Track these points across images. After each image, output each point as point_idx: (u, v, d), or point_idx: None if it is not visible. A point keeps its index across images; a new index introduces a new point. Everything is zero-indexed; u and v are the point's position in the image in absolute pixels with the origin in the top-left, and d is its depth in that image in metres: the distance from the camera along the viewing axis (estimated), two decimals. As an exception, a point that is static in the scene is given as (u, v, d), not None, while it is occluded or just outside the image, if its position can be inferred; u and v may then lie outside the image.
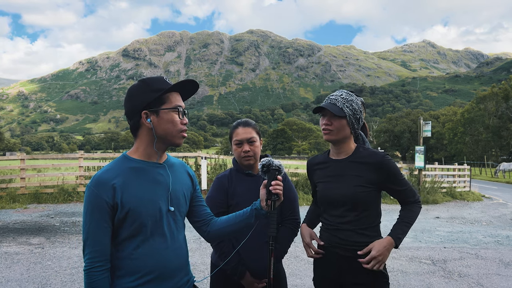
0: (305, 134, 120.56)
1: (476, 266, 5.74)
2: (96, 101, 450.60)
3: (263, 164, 1.72)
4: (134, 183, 1.51)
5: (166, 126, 1.54)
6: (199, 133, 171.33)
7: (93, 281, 1.43)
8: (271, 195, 1.64)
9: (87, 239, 1.46)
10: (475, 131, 56.97)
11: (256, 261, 2.15)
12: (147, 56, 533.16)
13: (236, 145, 2.25)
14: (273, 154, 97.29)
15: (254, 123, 2.32)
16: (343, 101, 1.94)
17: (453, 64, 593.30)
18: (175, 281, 1.58)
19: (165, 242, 1.55)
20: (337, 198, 1.94)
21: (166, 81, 1.57)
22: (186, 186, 1.68)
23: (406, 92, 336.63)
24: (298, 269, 5.31)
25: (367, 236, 1.93)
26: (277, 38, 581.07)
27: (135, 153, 1.57)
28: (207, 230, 1.73)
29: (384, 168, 1.91)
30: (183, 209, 1.65)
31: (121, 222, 1.48)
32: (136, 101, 1.54)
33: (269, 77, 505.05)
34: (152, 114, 1.53)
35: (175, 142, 1.58)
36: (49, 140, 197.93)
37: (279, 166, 1.72)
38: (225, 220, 1.72)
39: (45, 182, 11.62)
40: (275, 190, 1.63)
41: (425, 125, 14.37)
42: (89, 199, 1.47)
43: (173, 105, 1.55)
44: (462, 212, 11.90)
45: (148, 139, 1.56)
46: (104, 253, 1.47)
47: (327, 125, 1.95)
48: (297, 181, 12.95)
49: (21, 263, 5.26)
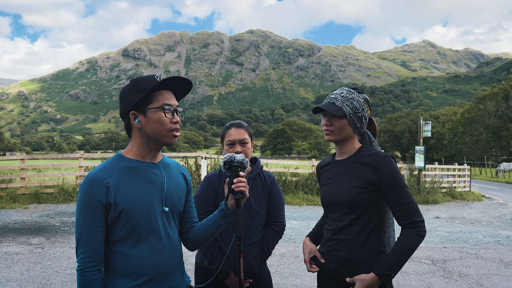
0: (305, 134, 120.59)
1: (476, 266, 5.74)
2: (96, 101, 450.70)
3: (224, 161, 1.67)
4: (128, 182, 1.49)
5: (153, 126, 1.51)
6: (199, 133, 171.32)
7: (86, 281, 1.42)
8: (234, 193, 1.60)
9: (80, 238, 1.44)
10: (475, 131, 56.98)
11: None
12: (147, 56, 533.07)
13: (228, 145, 2.26)
14: (273, 154, 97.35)
15: (246, 125, 2.33)
16: (343, 99, 1.86)
17: (453, 64, 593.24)
18: (170, 281, 1.56)
19: (160, 243, 1.53)
20: (335, 199, 1.87)
21: (155, 80, 1.53)
22: (181, 187, 1.66)
23: (406, 92, 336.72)
24: (298, 269, 5.31)
25: (367, 250, 1.80)
26: (277, 38, 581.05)
27: (129, 153, 1.56)
28: (186, 239, 1.70)
29: (382, 170, 1.77)
30: (177, 210, 1.63)
31: (115, 221, 1.47)
32: (125, 101, 1.54)
33: (269, 77, 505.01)
34: (140, 114, 1.51)
35: (165, 141, 1.54)
36: (49, 140, 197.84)
37: (242, 161, 1.66)
38: (199, 226, 1.69)
39: (45, 182, 11.62)
40: (237, 187, 1.58)
41: (425, 125, 14.37)
42: (83, 198, 1.45)
43: (160, 104, 1.51)
44: (462, 212, 11.90)
45: (140, 139, 1.54)
46: (98, 253, 1.45)
47: (327, 125, 1.89)
48: (297, 181, 12.93)
49: (21, 263, 5.26)
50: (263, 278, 2.29)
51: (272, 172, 12.75)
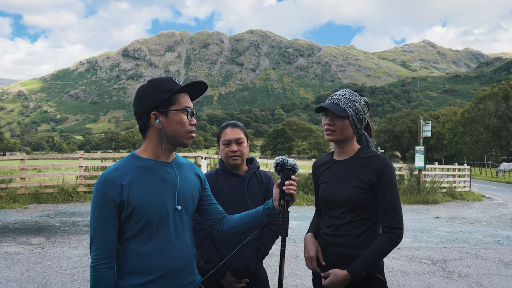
0: (305, 134, 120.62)
1: (476, 266, 5.74)
2: (96, 101, 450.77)
3: (277, 163, 1.70)
4: (142, 180, 1.52)
5: (175, 127, 1.55)
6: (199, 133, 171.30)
7: (99, 277, 1.46)
8: (284, 195, 1.61)
9: (94, 236, 1.48)
10: (475, 131, 56.98)
11: (236, 261, 2.17)
12: (147, 56, 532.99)
13: (224, 145, 2.27)
14: (273, 154, 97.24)
15: (242, 125, 2.35)
16: (346, 101, 1.91)
17: (453, 64, 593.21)
18: (179, 280, 1.58)
19: (171, 241, 1.55)
20: (336, 199, 1.92)
21: (176, 82, 1.58)
22: (194, 186, 1.69)
23: (406, 92, 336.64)
24: (298, 269, 5.31)
25: (364, 247, 1.86)
26: (277, 38, 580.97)
27: (144, 153, 1.59)
28: (220, 228, 1.73)
29: (383, 173, 1.85)
30: (190, 209, 1.65)
31: (127, 219, 1.50)
32: (145, 101, 1.56)
33: (269, 77, 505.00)
34: (161, 115, 1.55)
35: (183, 142, 1.59)
36: (49, 140, 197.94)
37: (294, 165, 1.69)
38: (238, 218, 1.72)
39: (45, 182, 11.62)
40: (288, 190, 1.61)
41: (425, 125, 14.37)
42: (97, 197, 1.49)
43: (182, 106, 1.56)
44: (462, 212, 11.90)
45: (157, 139, 1.57)
46: (110, 250, 1.49)
47: (330, 125, 1.92)
48: (297, 181, 12.93)
49: (21, 263, 5.26)
50: (260, 278, 2.29)
51: (272, 172, 12.75)
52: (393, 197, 1.84)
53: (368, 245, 1.86)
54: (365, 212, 1.88)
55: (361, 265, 1.81)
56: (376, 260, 1.82)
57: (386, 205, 1.83)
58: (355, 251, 1.87)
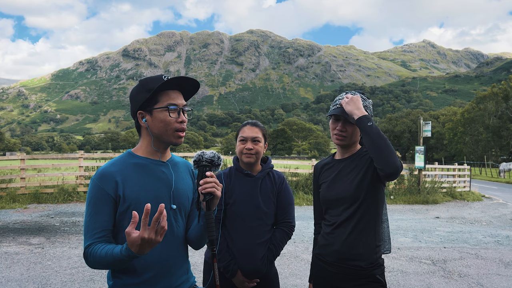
0: (305, 134, 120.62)
1: (476, 266, 5.73)
2: (96, 101, 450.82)
3: (194, 160, 1.56)
4: (136, 178, 1.51)
5: (159, 125, 1.54)
6: (199, 133, 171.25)
7: (96, 252, 1.41)
8: (204, 195, 1.48)
9: (87, 227, 1.46)
10: (475, 131, 56.97)
11: (247, 262, 2.17)
12: (147, 56, 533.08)
13: (240, 141, 2.26)
14: (273, 154, 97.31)
15: (262, 126, 2.33)
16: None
17: (453, 64, 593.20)
18: (173, 279, 1.57)
19: (166, 240, 1.53)
20: (336, 196, 1.95)
21: (162, 80, 1.53)
22: (189, 186, 1.67)
23: (406, 92, 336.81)
24: (298, 269, 5.31)
25: (364, 244, 1.89)
26: (277, 38, 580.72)
27: (139, 151, 1.60)
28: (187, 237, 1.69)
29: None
30: (185, 208, 1.63)
31: (122, 215, 1.49)
32: (134, 101, 1.58)
33: (269, 77, 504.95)
34: (147, 114, 1.55)
35: (170, 141, 1.57)
36: (49, 140, 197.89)
37: (212, 158, 1.53)
38: (193, 225, 1.66)
39: (45, 182, 11.61)
40: (204, 189, 1.47)
41: (425, 125, 14.37)
42: (92, 191, 1.48)
43: (165, 104, 1.53)
44: (462, 212, 11.90)
45: (148, 138, 1.58)
46: (106, 241, 1.46)
47: (342, 131, 1.95)
48: (297, 181, 12.94)
49: (21, 263, 5.26)
50: (271, 278, 2.28)
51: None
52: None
53: (368, 243, 1.89)
54: (364, 206, 1.89)
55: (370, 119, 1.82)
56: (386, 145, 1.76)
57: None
58: (355, 249, 1.89)
